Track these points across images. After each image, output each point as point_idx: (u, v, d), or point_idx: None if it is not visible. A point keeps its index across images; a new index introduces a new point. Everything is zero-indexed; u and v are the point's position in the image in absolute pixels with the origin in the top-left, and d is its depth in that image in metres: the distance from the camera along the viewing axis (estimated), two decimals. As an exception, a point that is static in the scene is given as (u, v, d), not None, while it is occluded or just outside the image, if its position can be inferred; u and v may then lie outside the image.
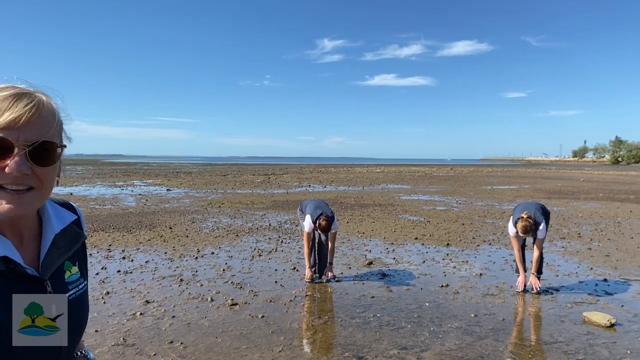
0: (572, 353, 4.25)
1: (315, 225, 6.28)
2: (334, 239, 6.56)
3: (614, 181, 33.69)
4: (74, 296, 1.02)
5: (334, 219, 6.37)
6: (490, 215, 13.67)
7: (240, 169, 54.75)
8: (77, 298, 1.03)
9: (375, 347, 4.33)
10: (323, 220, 6.20)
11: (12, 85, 0.90)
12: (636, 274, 7.00)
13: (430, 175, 43.24)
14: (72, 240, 1.07)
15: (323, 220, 6.20)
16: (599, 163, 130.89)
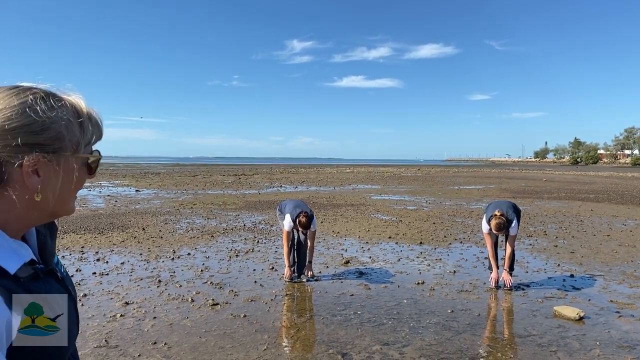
0: (545, 345, 4.45)
1: (295, 224, 6.34)
2: (313, 237, 6.63)
3: (574, 181, 34.93)
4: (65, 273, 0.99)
5: (313, 217, 6.44)
6: (460, 215, 14.01)
7: (210, 169, 54.18)
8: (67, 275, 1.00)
9: (358, 344, 4.42)
10: (303, 217, 6.27)
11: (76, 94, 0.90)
12: (600, 270, 7.34)
13: (399, 175, 43.82)
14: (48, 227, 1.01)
15: (303, 217, 6.27)
16: (559, 164, 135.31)
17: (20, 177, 0.80)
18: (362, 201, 18.00)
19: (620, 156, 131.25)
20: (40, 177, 0.82)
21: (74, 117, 0.87)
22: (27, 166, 0.80)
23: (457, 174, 46.86)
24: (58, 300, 0.88)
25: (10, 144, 0.78)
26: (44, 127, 0.81)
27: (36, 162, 0.81)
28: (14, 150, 0.79)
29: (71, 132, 0.86)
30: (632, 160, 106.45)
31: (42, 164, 0.82)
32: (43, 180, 0.83)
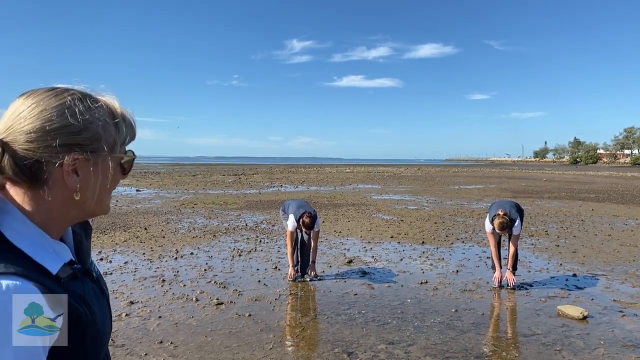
0: (550, 344, 4.47)
1: (298, 224, 6.36)
2: (316, 237, 6.65)
3: (574, 181, 34.96)
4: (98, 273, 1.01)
5: (316, 217, 6.46)
6: (461, 214, 14.03)
7: (210, 169, 54.19)
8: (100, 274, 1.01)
9: (364, 343, 4.44)
10: (306, 217, 6.28)
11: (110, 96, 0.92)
12: (603, 269, 7.36)
13: (398, 175, 43.84)
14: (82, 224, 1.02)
15: (306, 218, 6.28)
16: (559, 163, 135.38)
17: (60, 176, 0.82)
18: (363, 201, 18.02)
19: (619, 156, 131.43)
20: (79, 176, 0.84)
21: (109, 118, 0.89)
22: (67, 165, 0.82)
23: (457, 174, 46.89)
24: (94, 300, 0.89)
25: (50, 144, 0.80)
26: (83, 127, 0.83)
27: (75, 161, 0.82)
28: (54, 150, 0.80)
29: (107, 133, 0.88)
30: (631, 160, 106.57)
31: (81, 163, 0.83)
32: (82, 179, 0.84)
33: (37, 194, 0.82)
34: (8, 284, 0.72)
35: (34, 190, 0.81)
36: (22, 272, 0.74)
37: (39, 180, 0.81)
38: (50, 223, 0.84)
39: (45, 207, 0.83)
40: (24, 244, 0.79)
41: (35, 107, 0.81)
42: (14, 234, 0.79)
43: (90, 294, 0.89)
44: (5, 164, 0.79)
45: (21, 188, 0.82)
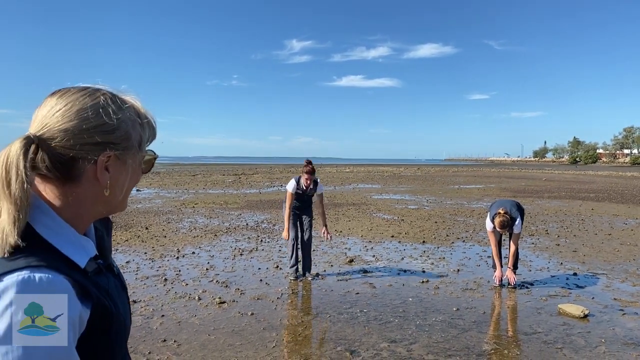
0: (551, 342, 4.50)
1: (299, 184, 6.52)
2: (322, 200, 6.79)
3: (574, 180, 34.99)
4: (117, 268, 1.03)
5: (318, 182, 6.67)
6: (461, 214, 14.05)
7: (209, 168, 54.20)
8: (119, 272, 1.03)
9: (366, 341, 4.46)
10: (307, 165, 6.51)
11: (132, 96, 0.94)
12: (603, 268, 7.38)
13: (398, 175, 43.87)
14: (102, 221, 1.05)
15: (307, 166, 6.50)
16: (558, 163, 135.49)
17: (93, 173, 0.85)
18: (363, 200, 18.04)
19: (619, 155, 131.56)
20: (109, 173, 0.87)
21: (136, 117, 0.92)
22: (101, 162, 0.85)
23: (457, 174, 46.92)
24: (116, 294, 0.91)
25: (87, 142, 0.83)
26: (115, 126, 0.86)
27: (108, 159, 0.86)
28: (90, 148, 0.83)
29: (136, 132, 0.91)
30: (631, 159, 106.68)
31: (112, 161, 0.87)
32: (112, 176, 0.87)
33: (66, 190, 0.84)
34: (41, 276, 0.73)
35: (64, 186, 0.84)
36: (52, 266, 0.76)
37: (71, 176, 0.83)
38: (77, 218, 0.86)
39: (73, 203, 0.85)
40: (53, 238, 0.81)
41: (72, 107, 0.83)
42: (44, 228, 0.81)
43: (113, 289, 0.91)
44: (39, 160, 0.81)
45: (51, 183, 0.84)
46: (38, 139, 0.81)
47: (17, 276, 0.72)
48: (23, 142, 0.79)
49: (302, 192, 6.60)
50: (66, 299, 0.75)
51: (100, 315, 0.83)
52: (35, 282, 0.73)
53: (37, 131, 0.82)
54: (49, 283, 0.74)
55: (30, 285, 0.72)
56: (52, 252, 0.79)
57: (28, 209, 0.77)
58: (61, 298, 0.75)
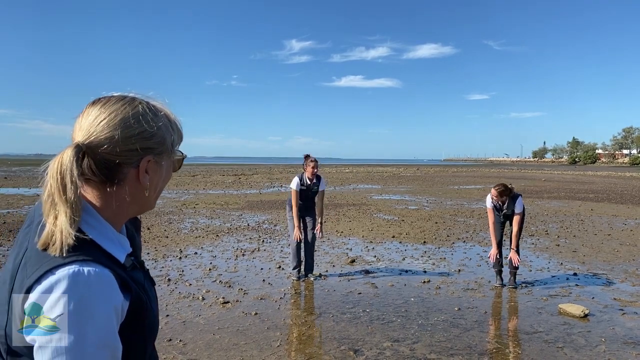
0: (552, 342, 4.55)
1: (302, 182, 6.64)
2: (322, 197, 6.84)
3: (573, 180, 35.08)
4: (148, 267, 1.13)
5: (320, 177, 6.77)
6: (461, 214, 14.11)
7: (209, 169, 54.23)
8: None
9: (369, 340, 4.52)
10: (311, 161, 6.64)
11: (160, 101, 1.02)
12: (603, 268, 7.44)
13: (398, 175, 43.94)
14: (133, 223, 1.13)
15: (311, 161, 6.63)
16: (557, 163, 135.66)
17: (135, 176, 0.93)
18: (363, 201, 18.10)
19: (618, 156, 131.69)
20: (149, 175, 0.95)
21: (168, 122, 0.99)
22: (143, 166, 0.93)
23: (456, 174, 46.99)
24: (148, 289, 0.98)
25: (130, 148, 0.91)
26: (153, 133, 0.94)
27: (149, 162, 0.94)
28: (133, 154, 0.91)
29: (169, 135, 0.99)
30: (630, 159, 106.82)
31: (151, 164, 0.95)
32: (150, 178, 0.95)
33: (107, 192, 0.92)
34: (89, 269, 0.81)
35: (106, 188, 0.91)
36: (98, 260, 0.84)
37: (114, 179, 0.91)
38: (115, 217, 0.94)
39: (113, 203, 0.93)
40: (97, 236, 0.88)
41: (115, 116, 0.91)
42: (88, 227, 0.88)
43: (146, 284, 0.99)
44: (85, 166, 0.88)
45: (94, 186, 0.91)
46: (86, 146, 0.88)
47: (69, 269, 0.80)
48: (74, 151, 0.86)
49: (307, 188, 6.64)
50: (111, 289, 0.83)
51: (137, 307, 0.90)
52: (84, 275, 0.80)
53: (85, 139, 0.89)
54: (96, 275, 0.81)
55: (80, 277, 0.80)
56: (96, 248, 0.87)
57: (81, 211, 0.85)
58: (107, 289, 0.82)
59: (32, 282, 0.80)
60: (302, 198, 6.67)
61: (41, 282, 0.80)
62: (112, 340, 0.83)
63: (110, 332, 0.83)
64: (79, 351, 0.78)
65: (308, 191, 6.67)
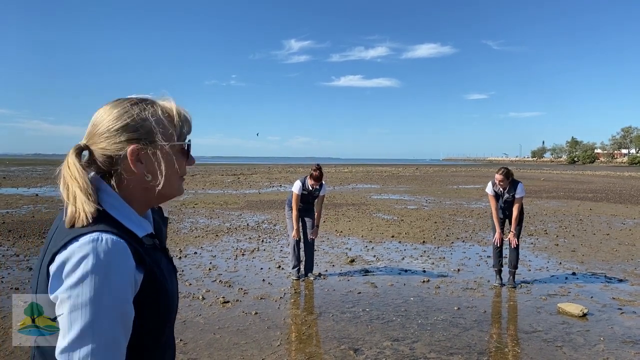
0: (551, 341, 4.57)
1: (305, 185, 6.59)
2: (321, 202, 6.83)
3: (572, 180, 35.14)
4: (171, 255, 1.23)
5: (323, 183, 6.70)
6: (460, 214, 14.14)
7: (208, 169, 54.21)
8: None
9: (369, 340, 4.53)
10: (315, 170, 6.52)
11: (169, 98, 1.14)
12: (601, 268, 7.46)
13: (397, 175, 43.97)
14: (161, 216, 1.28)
15: (315, 171, 6.51)
16: (556, 163, 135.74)
17: (128, 165, 1.03)
18: (362, 200, 18.12)
19: (617, 155, 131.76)
20: (143, 163, 1.05)
21: (163, 115, 1.09)
22: (130, 155, 1.03)
23: (455, 174, 47.05)
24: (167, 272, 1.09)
25: (116, 141, 1.03)
26: (137, 126, 1.05)
27: (137, 152, 1.04)
28: (118, 146, 1.03)
29: (162, 127, 1.08)
30: (629, 159, 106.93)
31: (142, 153, 1.05)
32: (146, 165, 1.05)
33: (118, 179, 1.05)
34: (107, 237, 0.93)
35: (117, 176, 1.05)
36: (116, 232, 0.96)
37: (116, 169, 1.04)
38: (133, 201, 1.06)
39: (125, 188, 1.05)
40: (117, 214, 1.01)
41: (105, 116, 1.06)
42: (110, 207, 1.01)
43: (165, 266, 1.09)
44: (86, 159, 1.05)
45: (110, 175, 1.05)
46: (84, 144, 1.06)
47: (90, 236, 0.92)
48: (74, 149, 1.04)
49: (308, 193, 6.67)
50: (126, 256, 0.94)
51: (151, 281, 1.00)
52: (103, 241, 0.92)
53: (85, 139, 1.07)
54: (113, 242, 0.93)
55: (99, 243, 0.92)
56: (116, 223, 0.99)
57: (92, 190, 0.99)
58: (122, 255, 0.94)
59: (58, 248, 0.93)
60: (303, 201, 6.70)
61: (66, 248, 0.92)
62: (125, 304, 0.93)
63: (124, 295, 0.93)
64: (94, 307, 0.88)
65: (309, 195, 6.70)
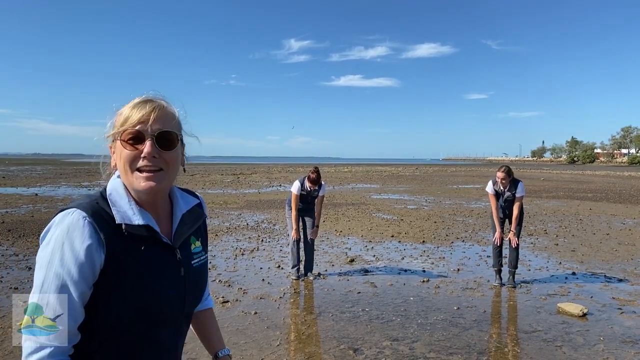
0: (550, 340, 4.57)
1: (303, 186, 6.60)
2: (321, 202, 6.83)
3: (572, 180, 35.13)
4: (196, 264, 1.27)
5: (322, 184, 6.70)
6: (460, 214, 14.13)
7: (207, 168, 54.22)
8: (199, 267, 1.29)
9: (369, 339, 4.53)
10: (313, 172, 6.56)
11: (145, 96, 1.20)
12: (601, 268, 7.46)
13: (397, 174, 43.95)
14: (195, 218, 1.32)
15: (313, 173, 6.55)
16: (556, 163, 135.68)
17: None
18: (362, 200, 18.11)
19: (617, 155, 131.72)
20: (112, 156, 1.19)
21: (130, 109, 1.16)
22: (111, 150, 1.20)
23: (455, 173, 47.03)
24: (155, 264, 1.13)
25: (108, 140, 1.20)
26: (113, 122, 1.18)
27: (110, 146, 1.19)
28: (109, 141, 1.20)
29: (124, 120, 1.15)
30: (628, 159, 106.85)
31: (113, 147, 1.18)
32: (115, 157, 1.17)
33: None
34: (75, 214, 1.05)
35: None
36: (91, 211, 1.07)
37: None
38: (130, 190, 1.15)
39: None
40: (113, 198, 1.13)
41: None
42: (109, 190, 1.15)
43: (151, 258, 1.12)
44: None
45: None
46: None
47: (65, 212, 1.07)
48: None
49: (307, 194, 6.66)
50: (83, 232, 1.04)
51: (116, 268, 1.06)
52: (69, 215, 1.05)
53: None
54: (76, 218, 1.05)
55: (66, 216, 1.06)
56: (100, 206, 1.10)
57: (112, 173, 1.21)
58: (81, 230, 1.04)
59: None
60: (302, 201, 6.70)
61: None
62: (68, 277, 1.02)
63: (69, 268, 1.02)
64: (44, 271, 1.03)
65: (308, 196, 6.70)
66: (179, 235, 1.22)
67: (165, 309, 1.14)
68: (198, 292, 1.29)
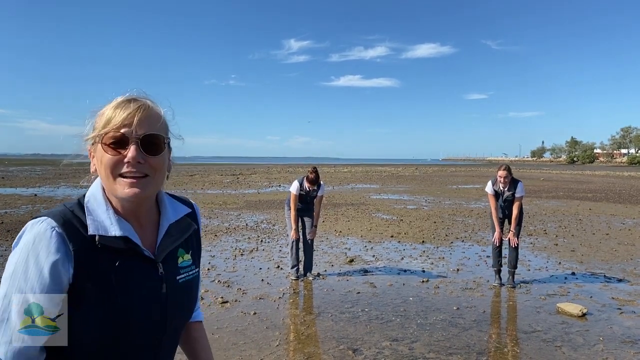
0: (550, 341, 4.56)
1: (302, 186, 6.60)
2: (320, 202, 6.82)
3: (572, 180, 35.14)
4: (183, 280, 1.15)
5: (321, 184, 6.69)
6: (460, 214, 14.13)
7: (207, 169, 54.18)
8: (187, 282, 1.17)
9: (368, 340, 4.52)
10: (311, 173, 6.55)
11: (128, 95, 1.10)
12: (601, 268, 7.45)
13: (396, 175, 43.95)
14: (183, 229, 1.20)
15: (311, 173, 6.54)
16: (556, 163, 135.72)
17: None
18: (361, 200, 18.10)
19: (616, 155, 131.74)
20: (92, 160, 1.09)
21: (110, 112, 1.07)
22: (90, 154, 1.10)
23: (455, 173, 47.03)
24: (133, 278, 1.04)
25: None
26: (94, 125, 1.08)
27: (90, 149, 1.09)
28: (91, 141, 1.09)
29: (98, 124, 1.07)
30: (628, 159, 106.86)
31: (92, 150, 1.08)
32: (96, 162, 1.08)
33: None
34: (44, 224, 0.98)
35: None
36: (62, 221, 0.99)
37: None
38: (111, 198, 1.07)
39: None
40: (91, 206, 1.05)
41: None
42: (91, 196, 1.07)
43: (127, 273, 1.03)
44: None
45: None
46: None
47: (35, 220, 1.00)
48: None
49: (306, 194, 6.66)
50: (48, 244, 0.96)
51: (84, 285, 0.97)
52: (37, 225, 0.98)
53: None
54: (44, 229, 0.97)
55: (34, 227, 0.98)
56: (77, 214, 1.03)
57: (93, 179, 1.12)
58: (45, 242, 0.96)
59: None
60: (302, 201, 6.70)
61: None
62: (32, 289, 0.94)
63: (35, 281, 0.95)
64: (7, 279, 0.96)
65: (307, 196, 6.69)
66: (163, 247, 1.11)
67: (142, 331, 1.04)
68: (184, 311, 1.18)
